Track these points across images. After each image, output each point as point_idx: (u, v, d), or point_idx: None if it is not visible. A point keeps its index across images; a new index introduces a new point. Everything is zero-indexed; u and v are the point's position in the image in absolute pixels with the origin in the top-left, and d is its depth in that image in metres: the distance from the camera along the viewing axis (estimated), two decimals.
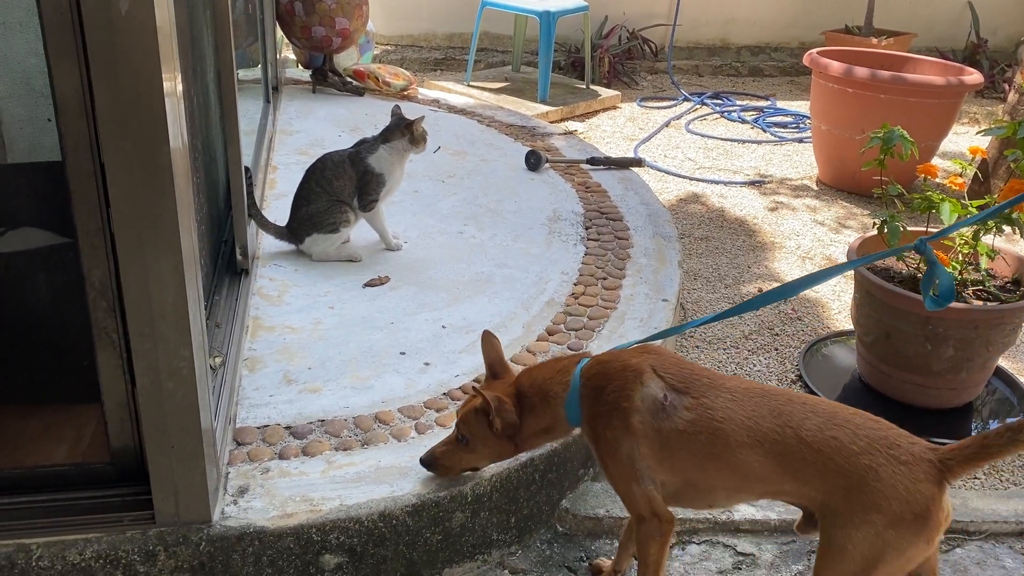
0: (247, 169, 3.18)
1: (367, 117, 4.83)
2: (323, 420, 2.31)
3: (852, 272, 3.10)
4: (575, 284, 3.11)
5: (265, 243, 3.26)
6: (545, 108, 6.00)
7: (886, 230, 2.80)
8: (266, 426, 2.27)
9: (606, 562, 2.20)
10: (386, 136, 3.23)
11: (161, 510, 1.88)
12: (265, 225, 3.17)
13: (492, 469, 2.15)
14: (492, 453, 2.04)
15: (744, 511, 2.40)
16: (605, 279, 3.16)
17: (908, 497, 1.60)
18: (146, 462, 1.84)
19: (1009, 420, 2.80)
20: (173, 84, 1.62)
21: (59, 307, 2.12)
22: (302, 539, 1.96)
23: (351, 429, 2.28)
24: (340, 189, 3.16)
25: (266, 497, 2.02)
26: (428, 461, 2.08)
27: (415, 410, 2.37)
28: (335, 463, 2.15)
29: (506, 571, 2.21)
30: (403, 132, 3.20)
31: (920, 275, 2.86)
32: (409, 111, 4.97)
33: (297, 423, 2.29)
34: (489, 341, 2.09)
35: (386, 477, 2.11)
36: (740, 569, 2.26)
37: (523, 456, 2.20)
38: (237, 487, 2.04)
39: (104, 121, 1.56)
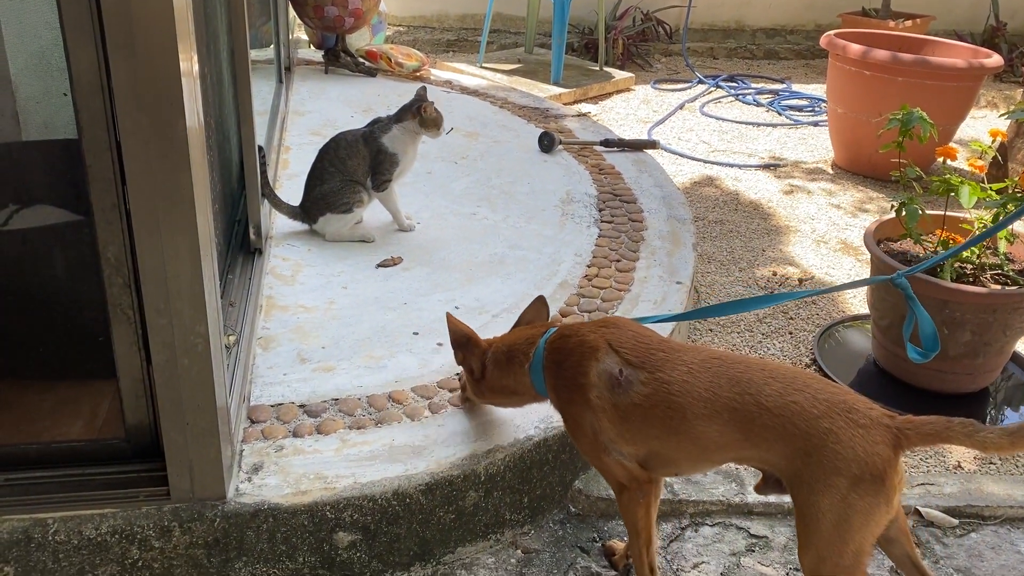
0: (260, 148, 3.18)
1: (379, 98, 4.81)
2: (337, 399, 2.31)
3: (869, 256, 3.07)
4: (588, 266, 3.10)
5: (278, 223, 3.26)
6: (558, 90, 5.96)
7: (904, 213, 2.77)
8: (280, 404, 2.27)
9: (619, 544, 2.20)
10: (399, 116, 3.22)
11: (176, 486, 1.89)
12: (278, 205, 3.17)
13: (505, 449, 2.15)
14: (471, 387, 2.18)
15: (759, 495, 2.39)
16: (619, 261, 3.14)
17: (866, 459, 1.62)
18: (161, 438, 1.85)
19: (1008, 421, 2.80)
20: (189, 59, 1.61)
21: (75, 283, 2.12)
22: (316, 516, 1.97)
23: (365, 408, 2.29)
24: (354, 169, 3.15)
25: (280, 474, 2.02)
26: (461, 385, 2.30)
27: (428, 390, 2.37)
28: (349, 441, 2.15)
29: (519, 551, 2.21)
30: (413, 115, 3.18)
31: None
32: None
33: (311, 402, 2.29)
34: (538, 307, 2.19)
35: (400, 456, 2.11)
36: (753, 551, 2.26)
37: (536, 436, 2.20)
38: (251, 464, 2.05)
39: (120, 96, 1.56)
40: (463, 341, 2.15)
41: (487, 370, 2.10)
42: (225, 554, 1.94)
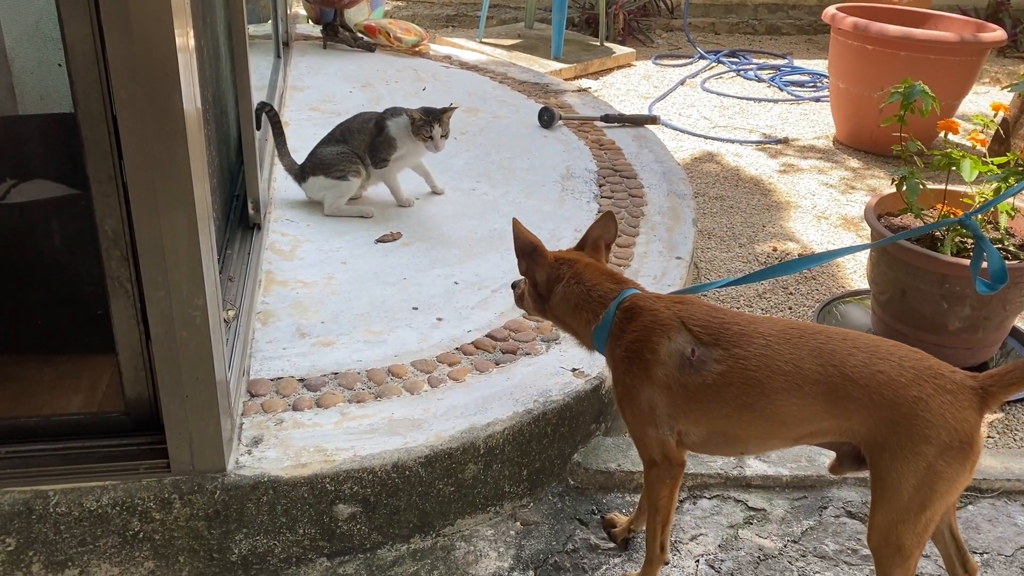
0: (267, 105, 3.24)
1: (378, 73, 4.79)
2: (336, 373, 2.31)
3: (869, 231, 3.06)
4: None
5: (277, 198, 3.25)
6: (558, 65, 5.92)
7: (904, 187, 2.76)
8: (280, 378, 2.28)
9: (621, 517, 2.21)
10: (410, 112, 3.19)
11: (176, 459, 1.89)
12: (284, 155, 3.26)
13: (504, 422, 2.16)
14: (531, 300, 2.11)
15: (756, 467, 2.40)
16: (619, 237, 3.13)
17: (956, 425, 1.60)
18: (161, 412, 1.86)
19: None
20: (185, 31, 1.60)
21: (73, 257, 2.12)
22: (316, 489, 1.98)
23: (364, 382, 2.29)
24: (358, 144, 3.21)
25: (280, 447, 2.03)
26: (513, 284, 2.24)
27: (428, 364, 2.37)
28: (349, 415, 2.16)
29: (518, 523, 2.23)
30: (411, 118, 3.13)
31: (939, 233, 2.82)
32: (420, 68, 4.95)
33: (311, 376, 2.29)
34: (606, 221, 2.10)
35: (399, 429, 2.12)
36: (751, 523, 2.27)
37: (535, 410, 2.21)
38: (251, 437, 2.06)
39: (116, 67, 1.55)
40: (528, 250, 2.06)
41: (553, 295, 2.01)
42: (225, 526, 1.95)
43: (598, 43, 6.60)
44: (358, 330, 2.50)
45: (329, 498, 2.00)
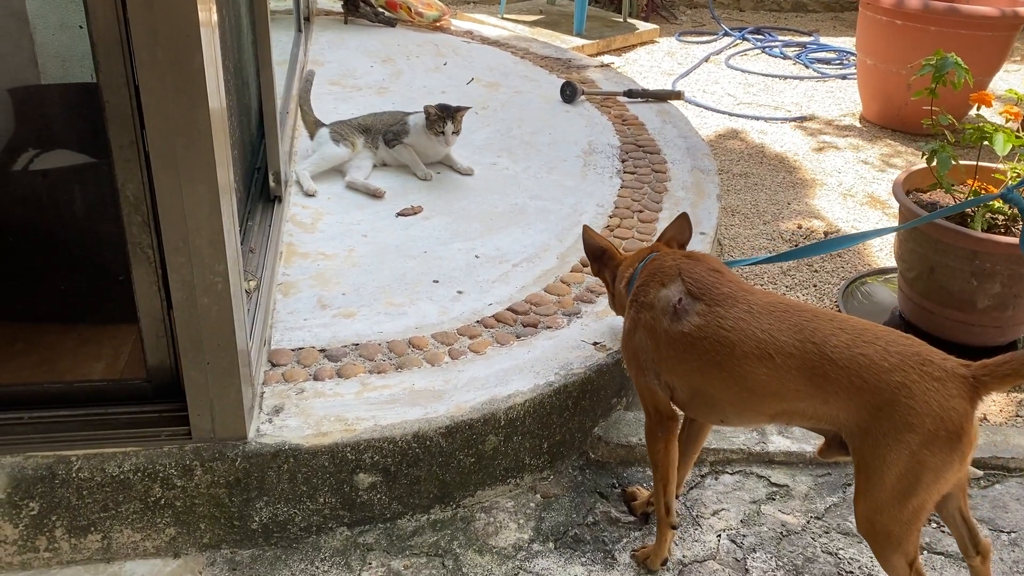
0: (311, 72, 3.48)
1: (399, 48, 4.75)
2: (357, 344, 2.31)
3: (897, 209, 3.01)
4: (610, 216, 3.06)
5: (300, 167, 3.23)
6: (581, 41, 5.86)
7: (935, 161, 2.71)
8: (301, 348, 2.27)
9: (642, 491, 2.20)
10: (427, 107, 3.26)
11: (197, 426, 1.90)
12: (306, 112, 3.39)
13: (525, 394, 2.14)
14: (610, 299, 2.23)
15: (779, 443, 2.37)
16: (641, 212, 3.10)
17: (942, 414, 1.56)
18: (182, 379, 1.86)
19: None
20: None
21: (95, 223, 2.12)
22: (337, 458, 1.98)
23: (385, 353, 2.28)
24: (379, 127, 3.32)
25: (301, 416, 2.03)
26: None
27: (449, 336, 2.36)
28: (369, 385, 2.15)
29: (538, 495, 2.22)
30: (426, 113, 3.23)
31: (970, 209, 2.77)
32: (441, 43, 4.91)
33: (331, 346, 2.29)
34: (680, 224, 2.16)
35: (420, 399, 2.11)
36: (774, 499, 2.24)
37: (556, 383, 2.19)
38: (272, 406, 2.06)
39: (136, 28, 1.53)
40: (598, 254, 2.17)
41: (616, 286, 2.11)
42: (246, 494, 1.95)
43: (621, 19, 6.52)
44: (379, 302, 2.49)
45: (350, 467, 2.00)
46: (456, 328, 2.40)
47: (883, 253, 3.56)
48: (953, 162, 2.72)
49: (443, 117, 3.22)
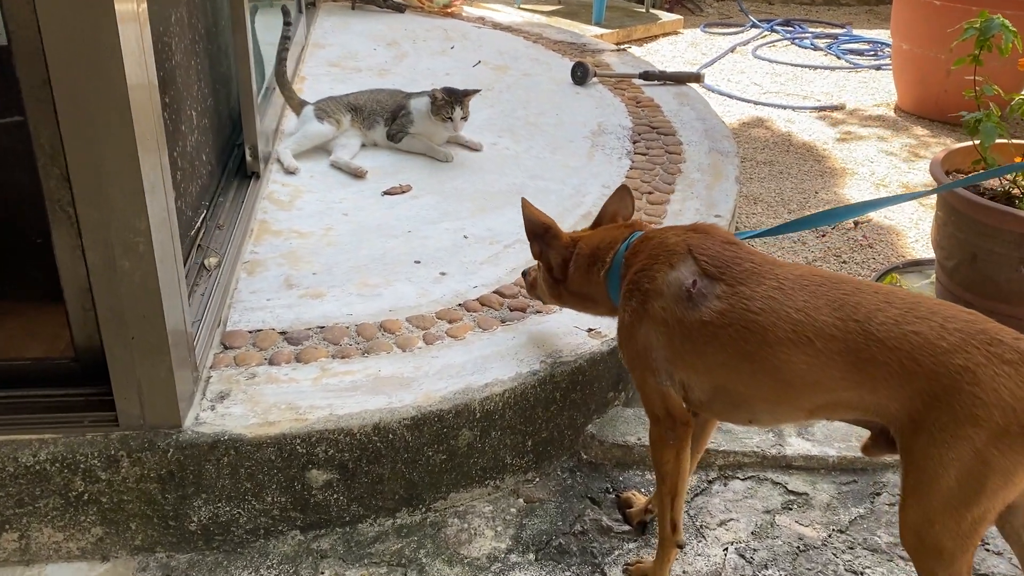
0: (286, 10, 3.17)
1: (406, 32, 4.54)
2: (323, 327, 2.07)
3: (934, 200, 2.72)
4: None
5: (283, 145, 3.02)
6: (599, 31, 5.61)
7: (979, 133, 2.42)
8: (259, 330, 2.04)
9: (639, 496, 1.93)
10: (433, 92, 3.03)
11: (124, 411, 1.67)
12: (284, 84, 3.15)
13: (504, 384, 1.89)
14: (546, 286, 1.91)
15: (798, 445, 2.09)
16: (651, 193, 2.84)
17: (1015, 404, 1.27)
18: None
19: None
20: None
21: (9, 177, 1.90)
22: (285, 451, 1.73)
23: (352, 337, 2.04)
24: (373, 106, 3.10)
25: (248, 403, 1.79)
26: (524, 272, 2.07)
27: (425, 320, 2.11)
28: (330, 371, 1.91)
29: (520, 499, 1.96)
30: (433, 97, 2.99)
31: (1018, 189, 2.47)
32: (451, 28, 4.69)
33: (294, 328, 2.05)
34: (622, 195, 1.89)
35: (385, 387, 1.86)
36: (791, 509, 1.96)
37: (541, 371, 1.93)
38: (217, 392, 1.82)
39: None
40: (540, 232, 1.84)
41: (569, 271, 1.79)
42: (182, 490, 1.72)
43: (643, 9, 6.27)
44: (352, 283, 2.26)
45: (301, 462, 1.76)
46: (435, 311, 2.15)
47: (919, 244, 3.26)
48: (1000, 134, 2.42)
49: (450, 102, 2.98)
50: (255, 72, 2.67)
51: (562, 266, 1.81)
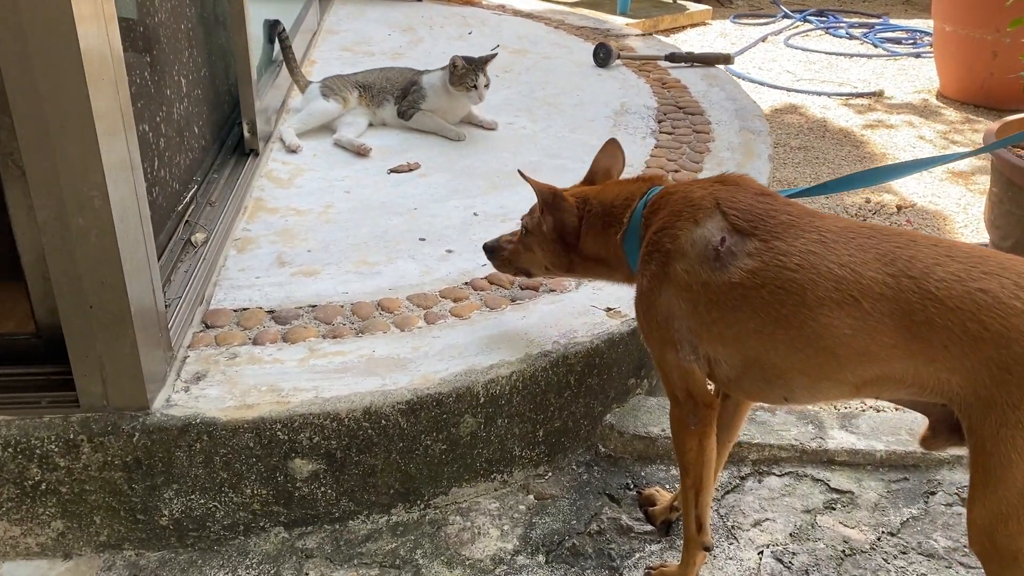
0: (279, 24, 3.02)
1: (422, 19, 4.38)
2: (315, 305, 1.89)
3: (982, 185, 2.49)
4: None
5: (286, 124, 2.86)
6: (624, 20, 5.39)
7: None
8: (245, 309, 1.87)
9: (663, 493, 1.73)
10: (453, 59, 2.84)
11: (85, 391, 1.50)
12: (295, 71, 3.04)
13: (512, 365, 1.69)
14: (546, 258, 1.66)
15: (841, 439, 1.88)
16: (677, 172, 2.64)
17: None
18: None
19: None
20: None
21: None
22: (264, 437, 1.55)
23: (346, 316, 1.86)
24: (383, 84, 2.94)
25: (226, 385, 1.61)
26: (491, 247, 1.78)
27: (427, 298, 1.93)
28: (318, 351, 1.73)
29: (530, 496, 1.76)
30: (453, 65, 2.80)
31: None
32: (470, 15, 4.53)
33: (283, 307, 1.88)
34: (612, 150, 1.71)
35: (378, 369, 1.68)
36: (834, 508, 1.75)
37: (554, 353, 1.74)
38: (193, 373, 1.65)
39: None
40: (550, 199, 1.59)
41: (582, 235, 1.57)
42: (150, 480, 1.54)
43: (670, 0, 6.06)
44: (349, 260, 2.08)
45: (283, 450, 1.57)
46: (438, 290, 1.97)
47: (967, 229, 3.02)
48: None
49: (472, 69, 2.80)
50: (252, 44, 2.52)
51: (576, 232, 1.60)
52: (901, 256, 1.20)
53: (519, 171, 1.70)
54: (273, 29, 3.00)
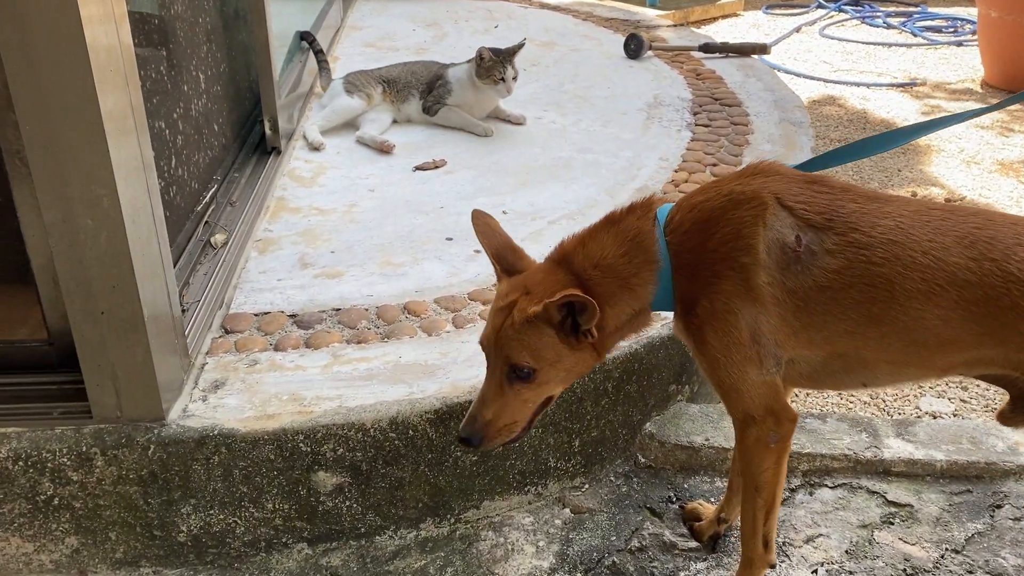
0: (309, 34, 3.03)
1: (447, 14, 4.30)
2: (338, 309, 1.81)
3: None
4: (676, 171, 2.50)
5: (310, 124, 2.78)
6: (654, 12, 5.28)
7: None
8: (266, 313, 1.79)
9: (707, 506, 1.62)
10: (480, 50, 2.75)
11: (98, 401, 1.42)
12: (326, 78, 3.01)
13: None
14: (570, 374, 1.30)
15: (897, 448, 1.76)
16: (715, 165, 2.52)
17: None
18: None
19: None
20: None
21: None
22: (286, 449, 1.47)
23: (371, 320, 1.78)
24: (408, 79, 2.87)
25: (245, 393, 1.53)
26: (474, 433, 1.26)
27: (456, 301, 1.84)
28: (342, 357, 1.65)
29: (566, 510, 1.66)
30: (480, 57, 2.71)
31: None
32: (495, 8, 4.43)
33: (306, 311, 1.80)
34: (483, 222, 1.38)
35: (406, 376, 1.59)
36: (892, 523, 1.63)
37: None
38: (212, 381, 1.57)
39: None
40: (582, 304, 1.19)
41: (605, 315, 1.25)
42: (167, 494, 1.47)
43: None
44: (374, 261, 1.99)
45: (305, 462, 1.49)
46: (467, 292, 1.88)
47: None
48: None
49: (500, 61, 2.71)
50: (273, 40, 2.44)
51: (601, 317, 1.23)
52: (981, 237, 1.13)
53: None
54: (305, 39, 2.99)
